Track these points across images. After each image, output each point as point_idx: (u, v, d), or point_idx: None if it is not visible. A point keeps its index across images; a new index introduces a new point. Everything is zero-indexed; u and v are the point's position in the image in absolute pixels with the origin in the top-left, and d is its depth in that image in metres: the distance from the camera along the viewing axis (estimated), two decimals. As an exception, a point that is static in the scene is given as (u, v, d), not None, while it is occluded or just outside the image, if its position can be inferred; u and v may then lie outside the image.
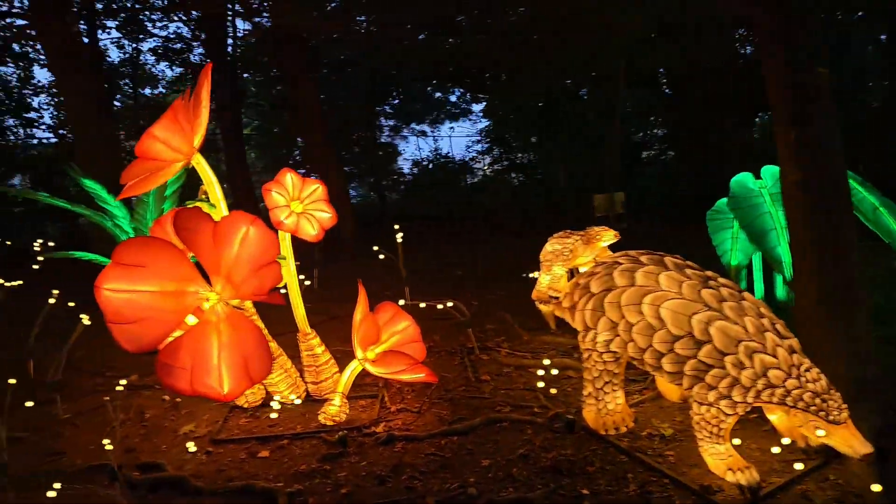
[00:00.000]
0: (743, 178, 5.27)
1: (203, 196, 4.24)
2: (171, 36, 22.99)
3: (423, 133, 28.05)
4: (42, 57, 25.84)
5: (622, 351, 3.69)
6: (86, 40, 13.03)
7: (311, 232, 4.33)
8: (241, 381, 3.82)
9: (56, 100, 27.79)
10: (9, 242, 8.83)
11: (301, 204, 4.36)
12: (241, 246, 3.75)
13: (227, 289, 3.89)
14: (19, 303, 6.29)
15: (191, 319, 4.24)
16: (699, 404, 3.36)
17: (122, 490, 3.68)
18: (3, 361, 6.04)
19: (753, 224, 4.99)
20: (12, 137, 26.05)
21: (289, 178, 4.36)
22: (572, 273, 4.35)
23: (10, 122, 26.22)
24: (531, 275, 5.05)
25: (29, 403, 4.70)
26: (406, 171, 27.69)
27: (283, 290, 4.72)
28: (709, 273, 3.58)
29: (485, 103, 25.25)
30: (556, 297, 4.18)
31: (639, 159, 21.72)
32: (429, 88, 25.91)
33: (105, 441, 3.95)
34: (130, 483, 3.82)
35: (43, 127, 28.64)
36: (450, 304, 5.35)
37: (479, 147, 26.44)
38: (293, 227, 4.26)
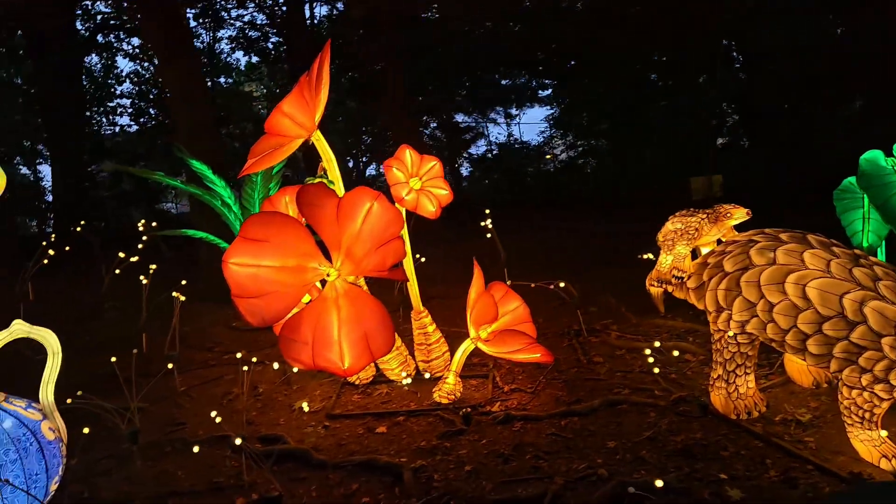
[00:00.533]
0: (874, 156, 4.96)
1: (322, 173, 4.28)
2: (246, 23, 23.52)
3: (494, 121, 27.99)
4: (126, 47, 26.78)
5: (759, 332, 3.54)
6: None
7: (430, 209, 4.32)
8: (362, 356, 3.85)
9: (138, 88, 28.81)
10: (103, 224, 9.15)
11: (419, 181, 4.36)
12: (365, 221, 3.76)
13: (347, 264, 3.91)
14: (123, 282, 6.54)
15: (309, 297, 4.31)
16: (849, 388, 3.19)
17: (248, 461, 3.77)
18: (118, 338, 6.28)
19: (887, 203, 4.70)
20: (96, 126, 27.18)
21: (408, 154, 4.36)
22: (694, 253, 4.22)
23: (96, 109, 27.35)
24: (645, 256, 4.93)
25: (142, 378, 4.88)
26: (479, 154, 27.70)
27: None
28: (857, 251, 3.40)
29: (558, 87, 24.97)
30: (680, 278, 4.05)
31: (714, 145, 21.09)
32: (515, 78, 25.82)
33: (213, 414, 4.03)
34: (254, 455, 3.90)
35: (125, 115, 29.76)
36: (561, 284, 5.28)
37: (549, 132, 26.23)
38: (413, 204, 4.26)
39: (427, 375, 4.73)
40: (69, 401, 3.92)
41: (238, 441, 3.68)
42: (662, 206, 5.01)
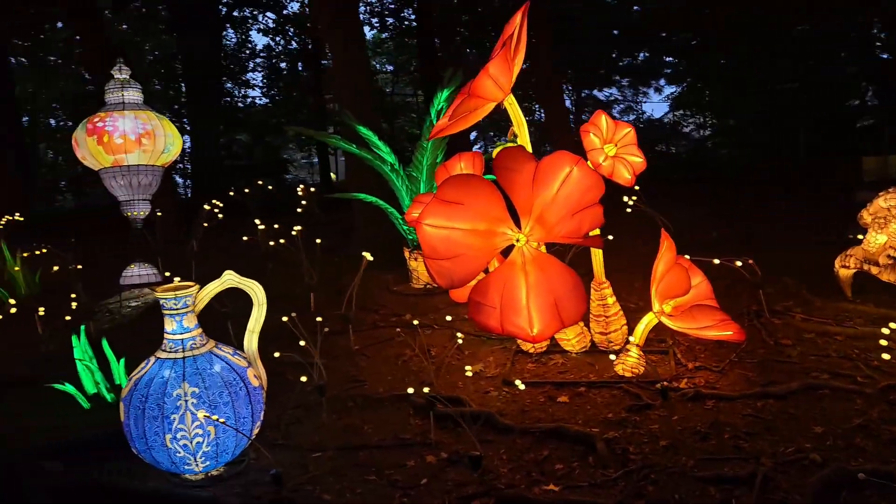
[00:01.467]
0: None
1: (513, 137, 4.28)
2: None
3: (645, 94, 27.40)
4: (259, 22, 27.83)
5: None
6: None
7: (626, 176, 4.24)
8: (551, 322, 3.85)
9: (268, 63, 29.97)
10: (231, 192, 9.49)
11: (614, 147, 4.28)
12: (562, 186, 3.72)
13: (537, 230, 3.91)
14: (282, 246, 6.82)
15: (496, 262, 4.34)
16: None
17: (435, 423, 3.85)
18: (284, 296, 6.58)
19: None
20: (228, 98, 28.55)
21: (603, 119, 4.29)
22: None
23: (229, 85, 28.71)
24: (859, 237, 4.64)
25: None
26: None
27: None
28: None
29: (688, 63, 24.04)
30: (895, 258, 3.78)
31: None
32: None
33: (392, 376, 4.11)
34: (436, 415, 3.99)
35: (257, 88, 31.10)
36: (749, 261, 5.07)
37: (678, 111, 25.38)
38: (609, 171, 4.19)
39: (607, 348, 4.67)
40: (277, 354, 4.15)
41: (428, 399, 3.78)
42: (825, 187, 4.69)
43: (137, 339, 5.26)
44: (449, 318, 5.17)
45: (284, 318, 4.56)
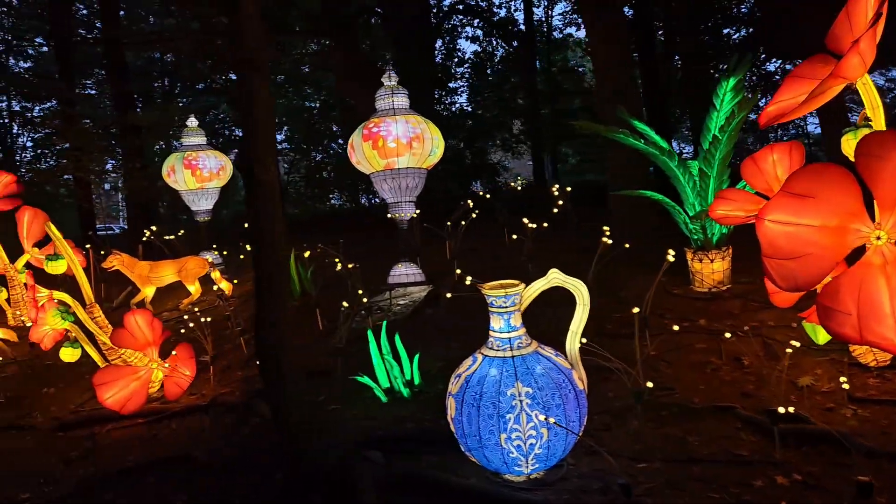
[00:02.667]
0: None
1: (865, 121, 3.83)
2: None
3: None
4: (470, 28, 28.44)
5: None
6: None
7: None
8: (926, 333, 3.35)
9: (473, 70, 30.60)
10: (481, 192, 9.51)
11: None
12: (944, 175, 3.21)
13: (903, 227, 3.43)
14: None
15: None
16: None
17: (778, 441, 3.51)
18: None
19: None
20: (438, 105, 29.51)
21: None
22: None
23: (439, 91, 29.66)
24: None
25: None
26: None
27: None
28: None
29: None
30: None
31: None
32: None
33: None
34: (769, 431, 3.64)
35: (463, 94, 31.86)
36: None
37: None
38: None
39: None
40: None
41: (765, 414, 3.44)
42: None
43: (408, 336, 5.39)
44: (772, 323, 4.75)
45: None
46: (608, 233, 5.57)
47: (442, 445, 3.97)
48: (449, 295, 6.19)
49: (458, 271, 6.86)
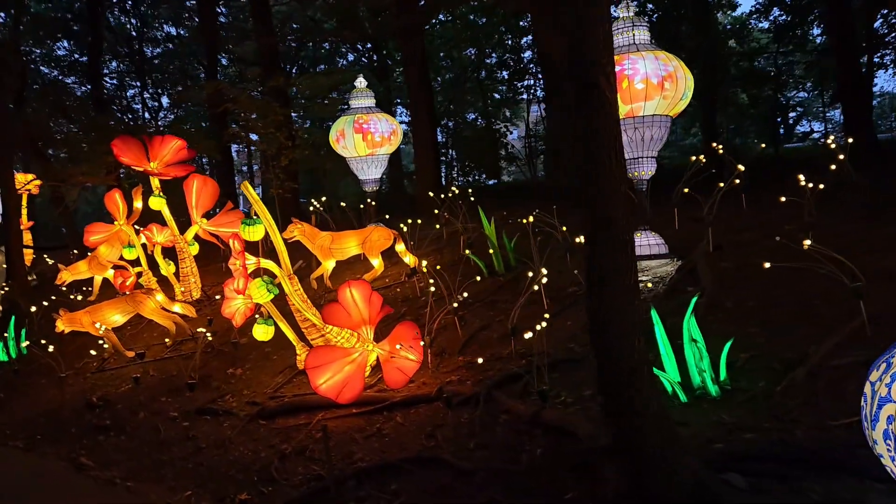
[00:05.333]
0: None
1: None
2: None
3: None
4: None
5: None
6: None
7: None
8: None
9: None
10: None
11: None
12: None
13: None
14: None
15: None
16: None
17: None
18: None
19: None
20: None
21: None
22: None
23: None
24: None
25: None
26: None
27: None
28: None
29: None
30: None
31: None
32: None
33: None
34: None
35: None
36: None
37: None
38: None
39: None
40: None
41: None
42: None
43: (672, 319, 4.29)
44: None
45: None
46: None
47: (826, 468, 2.92)
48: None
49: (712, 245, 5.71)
